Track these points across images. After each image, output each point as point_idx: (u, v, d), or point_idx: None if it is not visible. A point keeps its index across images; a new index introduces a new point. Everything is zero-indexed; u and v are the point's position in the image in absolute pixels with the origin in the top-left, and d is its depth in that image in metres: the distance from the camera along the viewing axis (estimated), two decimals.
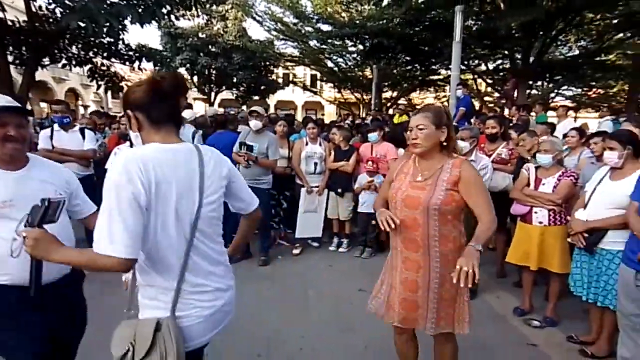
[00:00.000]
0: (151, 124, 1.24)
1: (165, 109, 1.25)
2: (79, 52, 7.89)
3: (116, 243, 1.06)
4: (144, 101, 1.23)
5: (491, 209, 1.83)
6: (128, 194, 1.08)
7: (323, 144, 4.66)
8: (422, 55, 12.93)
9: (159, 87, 1.23)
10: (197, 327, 1.26)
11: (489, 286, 3.80)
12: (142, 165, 1.12)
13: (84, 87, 26.55)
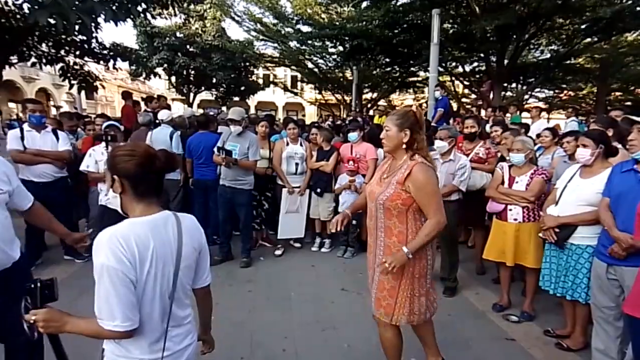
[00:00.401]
0: (135, 195, 1.26)
1: (152, 183, 1.29)
2: (49, 50, 7.60)
3: (117, 319, 1.14)
4: (133, 173, 1.24)
5: (436, 212, 1.95)
6: (119, 273, 1.14)
7: (304, 144, 4.66)
8: (401, 57, 13.10)
9: (152, 164, 1.25)
10: None
11: (469, 283, 3.89)
12: (124, 243, 1.16)
13: (56, 86, 25.58)
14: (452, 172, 3.50)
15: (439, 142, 3.52)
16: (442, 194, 3.40)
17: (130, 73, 17.47)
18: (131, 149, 1.27)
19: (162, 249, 1.25)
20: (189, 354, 1.39)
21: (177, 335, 1.33)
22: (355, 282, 3.88)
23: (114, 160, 1.26)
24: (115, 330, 1.14)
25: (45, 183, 3.93)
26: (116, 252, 1.14)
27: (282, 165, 4.52)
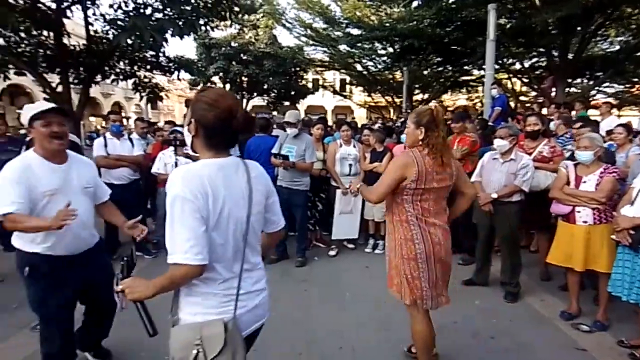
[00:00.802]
0: (206, 143, 1.29)
1: (225, 138, 1.30)
2: (125, 67, 8.41)
3: (188, 252, 1.16)
4: (209, 124, 1.25)
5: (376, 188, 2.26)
6: (191, 205, 1.17)
7: (357, 145, 4.71)
8: (453, 56, 12.71)
9: (229, 122, 1.25)
10: (245, 319, 1.36)
11: (533, 289, 3.71)
12: (198, 180, 1.19)
13: (127, 99, 28.14)
14: (514, 172, 3.36)
15: (499, 140, 3.40)
16: (503, 194, 3.32)
17: (190, 83, 18.63)
18: (215, 100, 1.25)
19: (233, 191, 1.27)
20: (262, 298, 1.43)
21: (250, 277, 1.37)
22: None
23: (196, 103, 1.27)
24: (186, 263, 1.16)
25: (123, 185, 4.34)
26: (190, 186, 1.17)
27: (336, 166, 4.60)
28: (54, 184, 2.02)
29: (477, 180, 3.61)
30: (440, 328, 2.98)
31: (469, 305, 3.39)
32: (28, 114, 2.00)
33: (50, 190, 2.00)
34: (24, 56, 7.32)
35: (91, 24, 7.60)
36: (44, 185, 1.98)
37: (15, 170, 1.93)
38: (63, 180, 2.06)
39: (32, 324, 2.99)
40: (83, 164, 2.26)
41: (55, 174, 2.04)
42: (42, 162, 2.02)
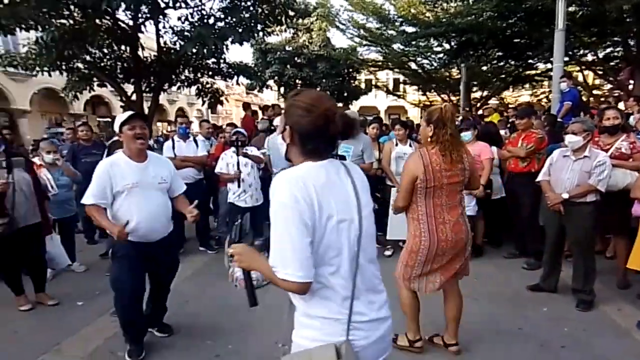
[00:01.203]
0: (302, 150, 1.18)
1: (323, 144, 1.19)
2: (189, 74, 9.05)
3: (289, 267, 1.06)
4: (305, 131, 1.15)
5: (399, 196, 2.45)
6: (295, 214, 1.06)
7: (413, 145, 4.65)
8: (516, 49, 11.98)
9: (326, 128, 1.14)
10: (364, 354, 1.17)
11: (609, 297, 3.42)
12: (302, 185, 1.09)
13: (189, 105, 30.06)
14: (588, 170, 3.11)
15: (571, 136, 3.15)
16: (576, 194, 3.10)
17: (246, 87, 19.42)
18: (311, 104, 1.15)
19: (340, 194, 1.16)
20: (387, 327, 1.25)
21: (371, 301, 1.21)
22: (470, 286, 3.70)
23: (290, 108, 1.19)
24: (287, 279, 1.06)
25: (188, 184, 4.63)
26: (294, 191, 1.08)
27: (391, 165, 4.57)
28: (134, 179, 2.44)
29: (545, 180, 3.40)
30: (503, 333, 2.87)
31: (535, 311, 3.21)
32: (119, 121, 2.46)
33: (129, 184, 2.43)
34: (106, 69, 8.18)
35: (162, 36, 8.27)
36: (125, 179, 2.42)
37: (104, 168, 2.43)
38: (141, 176, 2.47)
39: (112, 310, 3.35)
40: (160, 162, 2.69)
41: (136, 171, 2.47)
42: (127, 160, 2.48)
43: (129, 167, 2.47)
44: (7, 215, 3.14)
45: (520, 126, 4.17)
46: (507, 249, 4.61)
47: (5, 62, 7.90)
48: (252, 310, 1.33)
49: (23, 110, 19.86)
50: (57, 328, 3.08)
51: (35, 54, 7.44)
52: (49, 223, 3.70)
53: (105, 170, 2.42)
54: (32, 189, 3.37)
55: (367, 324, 1.18)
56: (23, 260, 3.46)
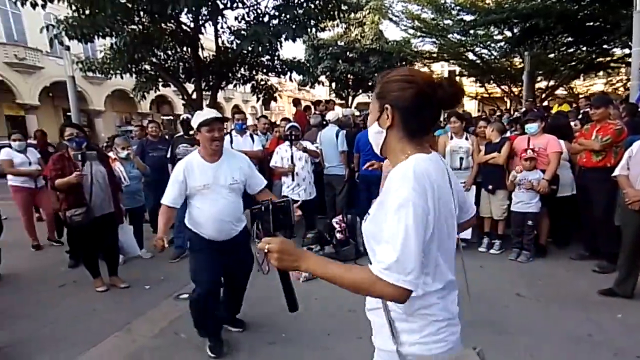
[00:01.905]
0: (405, 131, 1.04)
1: (428, 120, 1.06)
2: (245, 72, 9.40)
3: (411, 274, 0.89)
4: (410, 104, 1.01)
5: None
6: (422, 213, 0.92)
7: (470, 138, 4.44)
8: (588, 34, 10.96)
9: (434, 95, 1.01)
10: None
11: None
12: (427, 180, 0.95)
13: (244, 102, 31.22)
14: None
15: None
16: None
17: (299, 83, 19.72)
18: (410, 75, 1.03)
19: (446, 190, 1.04)
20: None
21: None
22: (533, 288, 3.51)
23: (386, 86, 1.04)
24: (400, 286, 0.89)
25: None
26: (425, 187, 0.94)
27: (446, 159, 4.41)
28: (204, 181, 2.47)
29: (623, 175, 3.09)
30: (571, 339, 2.68)
31: (608, 318, 2.94)
32: (197, 120, 2.46)
33: (200, 185, 2.47)
34: (169, 70, 8.75)
35: (220, 36, 8.67)
36: (196, 181, 2.47)
37: (179, 170, 2.49)
38: (212, 178, 2.49)
39: (176, 294, 3.59)
40: (234, 161, 2.61)
41: (208, 172, 2.49)
42: (200, 162, 2.51)
43: (202, 168, 2.49)
44: (84, 205, 3.47)
45: (595, 117, 3.81)
46: (575, 249, 4.26)
47: (86, 67, 8.73)
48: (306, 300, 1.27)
49: (98, 111, 21.90)
50: (128, 309, 3.37)
51: (110, 58, 8.16)
52: (122, 213, 4.03)
53: (181, 172, 2.47)
54: (107, 181, 3.70)
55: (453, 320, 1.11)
56: (99, 246, 3.81)
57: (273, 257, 1.01)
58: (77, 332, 3.01)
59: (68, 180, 3.38)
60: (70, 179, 3.38)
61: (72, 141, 3.50)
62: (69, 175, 3.40)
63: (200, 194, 2.48)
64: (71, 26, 6.42)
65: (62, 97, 15.59)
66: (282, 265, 1.02)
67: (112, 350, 2.77)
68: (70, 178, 3.38)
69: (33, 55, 18.14)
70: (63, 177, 3.40)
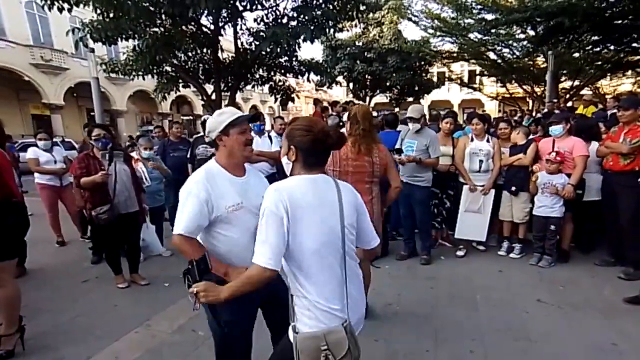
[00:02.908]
0: (304, 164, 1.45)
1: (321, 157, 1.48)
2: (263, 73, 9.48)
3: (264, 256, 1.33)
4: (307, 147, 1.43)
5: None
6: (276, 219, 1.34)
7: (491, 140, 4.35)
8: (617, 32, 10.54)
9: (325, 142, 1.44)
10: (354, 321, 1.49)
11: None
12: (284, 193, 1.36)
13: (262, 102, 31.53)
14: None
15: None
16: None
17: (316, 83, 19.75)
18: (309, 125, 1.44)
19: (321, 202, 1.40)
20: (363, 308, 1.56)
21: (354, 285, 1.49)
22: (555, 294, 3.42)
23: (292, 132, 1.46)
24: (262, 266, 1.32)
25: None
26: (276, 201, 1.34)
27: (465, 162, 4.34)
28: (237, 199, 1.79)
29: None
30: (594, 348, 2.60)
31: (634, 326, 2.84)
32: (223, 120, 1.80)
33: (232, 205, 1.77)
34: (190, 71, 8.91)
35: (239, 37, 8.78)
36: (226, 199, 1.77)
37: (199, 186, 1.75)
38: (245, 195, 1.82)
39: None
40: (259, 176, 2.02)
41: (238, 187, 1.83)
42: (225, 174, 1.83)
43: (230, 182, 1.82)
44: (109, 202, 3.58)
45: (624, 118, 3.67)
46: (600, 255, 4.13)
47: (109, 68, 8.98)
48: None
49: (121, 111, 22.49)
50: (148, 306, 3.44)
51: (132, 60, 8.36)
52: (145, 212, 4.13)
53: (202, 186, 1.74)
54: (131, 181, 3.80)
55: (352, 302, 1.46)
56: (122, 244, 3.92)
57: (201, 297, 1.38)
58: (99, 326, 3.10)
59: (93, 179, 3.48)
60: (96, 177, 3.47)
61: (98, 141, 3.61)
62: (94, 174, 3.50)
63: (229, 217, 1.77)
64: (96, 29, 6.60)
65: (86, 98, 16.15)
66: (207, 300, 1.39)
67: (133, 344, 2.84)
68: (95, 177, 3.47)
69: (59, 56, 18.81)
70: (88, 175, 3.51)
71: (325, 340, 1.36)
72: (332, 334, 1.38)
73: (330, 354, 1.35)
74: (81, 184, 3.54)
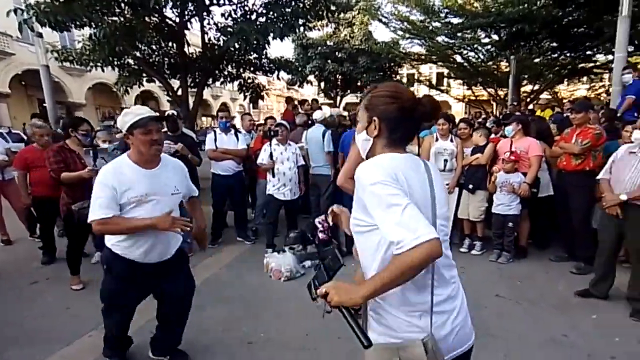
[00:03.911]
0: (389, 140, 1.19)
1: (409, 131, 1.21)
2: (232, 70, 9.27)
3: (418, 230, 0.96)
4: (394, 117, 1.16)
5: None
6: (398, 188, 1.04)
7: (455, 140, 4.47)
8: (573, 40, 11.16)
9: (414, 110, 1.16)
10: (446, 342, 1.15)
11: None
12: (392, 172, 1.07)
13: (232, 100, 31.01)
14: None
15: (638, 132, 2.93)
16: (637, 196, 2.84)
17: (287, 82, 19.65)
18: (395, 91, 1.18)
19: (420, 186, 1.13)
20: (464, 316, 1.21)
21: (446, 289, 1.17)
22: (513, 289, 3.55)
23: (374, 100, 1.19)
24: (423, 241, 0.94)
25: (228, 175, 4.79)
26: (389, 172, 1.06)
27: (430, 161, 4.42)
28: (143, 190, 2.02)
29: (605, 178, 3.15)
30: (547, 340, 2.71)
31: (583, 319, 3.00)
32: (127, 121, 2.00)
33: (137, 196, 2.01)
34: (154, 65, 8.57)
35: (206, 32, 8.53)
36: (132, 190, 2.00)
37: (105, 176, 2.00)
38: (152, 186, 2.06)
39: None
40: (173, 167, 2.24)
41: (145, 179, 2.05)
42: (133, 167, 2.05)
43: (137, 174, 2.04)
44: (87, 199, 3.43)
45: (576, 120, 3.87)
46: (555, 251, 4.33)
47: (62, 57, 8.36)
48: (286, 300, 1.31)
49: (79, 104, 21.40)
50: None
51: (89, 49, 7.90)
52: None
53: (109, 176, 2.00)
54: None
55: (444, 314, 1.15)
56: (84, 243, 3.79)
57: (331, 297, 1.06)
58: (49, 330, 2.92)
59: (80, 175, 3.39)
60: (82, 173, 3.39)
61: (87, 136, 3.61)
62: (72, 168, 3.41)
63: (138, 207, 2.02)
64: (43, 12, 6.04)
65: (36, 87, 15.03)
66: (340, 301, 1.05)
67: (86, 348, 2.69)
68: (82, 173, 3.39)
69: (2, 40, 17.19)
70: (67, 169, 3.39)
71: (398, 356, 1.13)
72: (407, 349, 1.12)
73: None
74: (62, 179, 3.40)
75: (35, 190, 4.17)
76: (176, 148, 4.28)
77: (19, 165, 4.22)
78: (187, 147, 4.46)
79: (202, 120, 28.66)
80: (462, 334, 1.19)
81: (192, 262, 4.19)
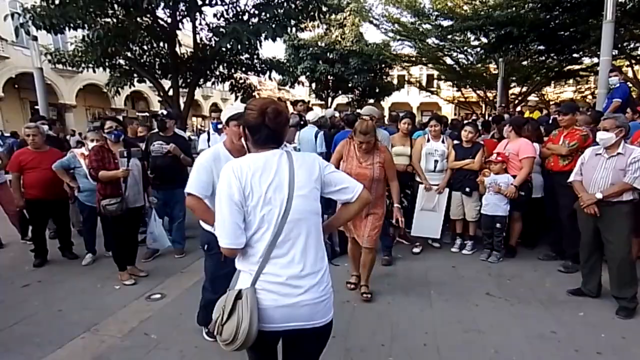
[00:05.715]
0: (252, 142, 1.46)
1: (265, 134, 1.43)
2: (223, 70, 9.26)
3: (222, 237, 1.36)
4: (249, 124, 1.44)
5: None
6: (228, 197, 1.36)
7: (446, 141, 4.54)
8: (559, 43, 11.38)
9: (263, 119, 1.41)
10: (272, 312, 1.36)
11: None
12: (239, 171, 1.37)
13: (223, 100, 30.82)
14: (623, 168, 2.95)
15: (603, 133, 3.01)
16: (610, 194, 2.94)
17: (279, 83, 19.65)
18: (253, 105, 1.45)
19: (274, 176, 1.38)
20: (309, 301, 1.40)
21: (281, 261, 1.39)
22: (503, 287, 3.63)
23: (244, 111, 1.48)
24: (222, 246, 1.37)
25: None
26: (229, 179, 1.36)
27: (421, 162, 4.49)
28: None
29: (577, 180, 3.24)
30: (535, 337, 2.78)
31: (571, 316, 3.08)
32: (227, 114, 2.40)
33: None
34: (145, 65, 8.51)
35: (198, 33, 8.51)
36: None
37: (206, 161, 2.20)
38: None
39: (148, 294, 3.52)
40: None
41: None
42: (228, 156, 2.26)
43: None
44: (120, 196, 3.59)
45: (563, 122, 3.97)
46: (543, 250, 4.42)
47: (55, 59, 8.36)
48: None
49: (69, 105, 21.10)
50: (96, 309, 3.25)
51: (82, 51, 7.85)
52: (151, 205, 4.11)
53: (209, 160, 2.21)
54: (141, 175, 3.83)
55: (276, 285, 1.38)
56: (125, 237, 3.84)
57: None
58: (40, 333, 2.89)
59: (115, 175, 3.53)
60: (118, 173, 3.53)
61: (111, 134, 3.68)
62: (108, 166, 3.55)
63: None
64: (39, 15, 6.09)
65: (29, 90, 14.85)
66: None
67: (78, 351, 2.68)
68: (117, 172, 3.53)
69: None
70: (104, 168, 3.53)
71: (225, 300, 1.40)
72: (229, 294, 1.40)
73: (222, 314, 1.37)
74: (100, 177, 3.54)
75: (28, 192, 4.13)
76: (168, 148, 4.27)
77: (13, 167, 4.16)
78: (179, 147, 4.45)
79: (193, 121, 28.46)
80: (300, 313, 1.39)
81: (186, 262, 4.25)
